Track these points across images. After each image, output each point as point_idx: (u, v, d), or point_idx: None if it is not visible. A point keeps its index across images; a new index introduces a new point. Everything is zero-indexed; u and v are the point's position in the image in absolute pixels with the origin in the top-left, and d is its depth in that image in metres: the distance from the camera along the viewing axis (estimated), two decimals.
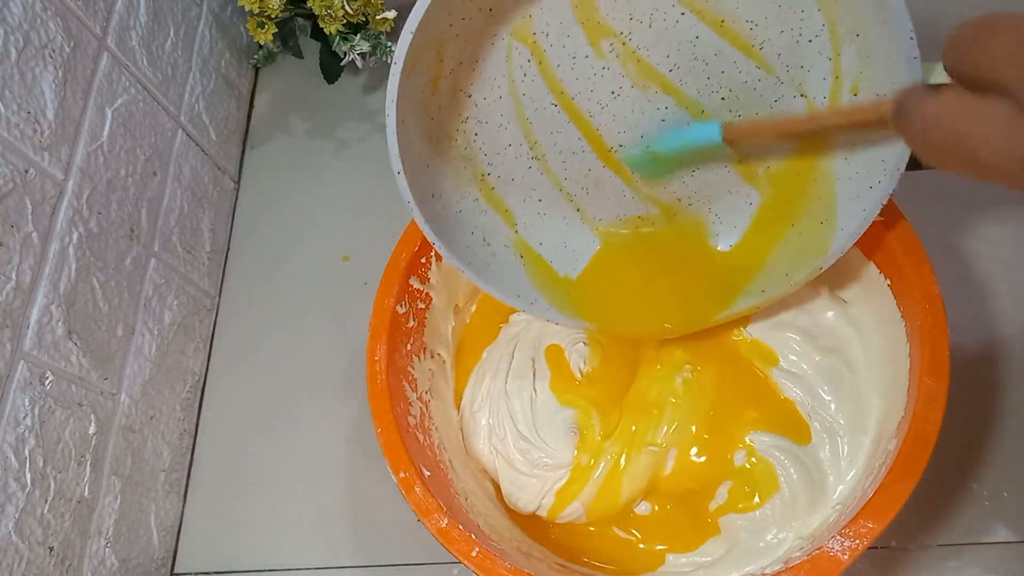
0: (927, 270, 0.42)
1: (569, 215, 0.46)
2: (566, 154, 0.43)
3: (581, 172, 0.44)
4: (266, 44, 0.69)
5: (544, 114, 0.42)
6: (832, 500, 0.45)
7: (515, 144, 0.43)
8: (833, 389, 0.47)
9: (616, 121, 0.42)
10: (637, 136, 0.43)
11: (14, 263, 0.45)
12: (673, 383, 0.48)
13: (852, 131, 0.38)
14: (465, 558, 0.40)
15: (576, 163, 0.44)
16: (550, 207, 0.45)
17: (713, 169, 0.44)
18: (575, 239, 0.47)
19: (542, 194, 0.45)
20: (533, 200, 0.45)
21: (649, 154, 0.43)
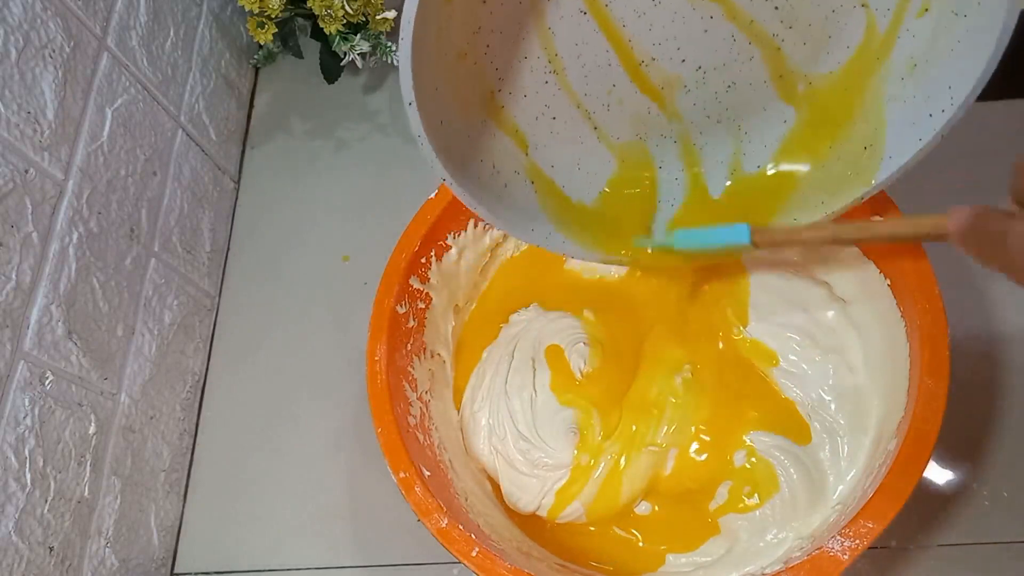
0: (927, 270, 0.42)
1: (585, 134, 0.43)
2: (590, 67, 0.40)
3: (604, 87, 0.41)
4: (266, 44, 0.69)
5: (569, 22, 0.38)
6: (832, 500, 0.45)
7: (531, 56, 0.39)
8: (833, 389, 0.47)
9: (652, 31, 0.39)
10: (674, 49, 0.40)
11: (14, 263, 0.45)
12: (673, 383, 0.48)
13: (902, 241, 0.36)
14: (465, 558, 0.40)
15: (600, 77, 0.41)
16: (564, 126, 0.42)
17: (749, 84, 0.41)
18: (590, 160, 0.44)
19: (556, 111, 0.41)
20: (546, 118, 0.42)
21: (665, 247, 0.41)
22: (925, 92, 0.36)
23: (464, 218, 0.51)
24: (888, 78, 0.38)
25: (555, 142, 0.43)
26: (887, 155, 0.38)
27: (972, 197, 0.59)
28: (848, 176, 0.40)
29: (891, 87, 0.38)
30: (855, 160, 0.40)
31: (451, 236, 0.51)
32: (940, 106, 0.35)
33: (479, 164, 0.40)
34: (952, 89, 0.35)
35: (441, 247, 0.51)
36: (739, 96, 0.42)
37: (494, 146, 0.41)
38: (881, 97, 0.38)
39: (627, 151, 0.44)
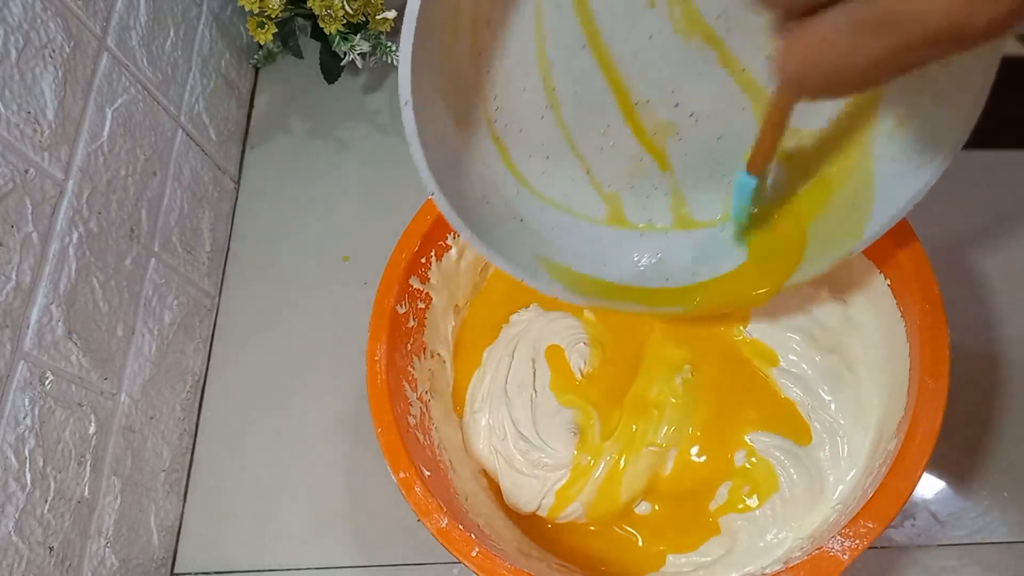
0: (927, 270, 0.42)
1: (577, 176, 0.42)
2: (586, 106, 0.39)
3: (599, 128, 0.40)
4: (266, 44, 0.69)
5: (569, 55, 0.37)
6: (832, 500, 0.45)
7: (530, 88, 0.38)
8: (833, 389, 0.47)
9: (648, 72, 0.38)
10: (668, 91, 0.39)
11: (14, 263, 0.45)
12: (673, 383, 0.48)
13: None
14: (465, 558, 0.40)
15: (595, 117, 0.40)
16: (557, 165, 0.41)
17: (740, 137, 0.40)
18: (580, 203, 0.43)
19: (550, 150, 0.41)
20: (540, 156, 0.41)
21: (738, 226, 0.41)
22: (913, 146, 0.36)
23: None
24: (877, 135, 0.38)
25: (547, 181, 0.42)
26: (876, 210, 0.38)
27: (971, 193, 0.59)
28: (837, 233, 0.40)
29: (879, 144, 0.38)
30: (844, 217, 0.40)
31: (451, 236, 0.51)
32: (928, 158, 0.35)
33: (470, 189, 0.39)
34: (939, 141, 0.35)
35: (441, 247, 0.51)
36: (730, 149, 0.41)
37: (486, 175, 0.40)
38: (870, 154, 0.38)
39: (618, 201, 0.44)
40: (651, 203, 0.44)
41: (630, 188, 0.43)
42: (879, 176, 0.38)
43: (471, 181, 0.39)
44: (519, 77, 0.38)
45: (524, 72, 0.38)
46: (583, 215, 0.43)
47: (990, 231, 0.57)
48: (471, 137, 0.39)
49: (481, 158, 0.39)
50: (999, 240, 0.57)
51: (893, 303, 0.45)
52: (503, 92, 0.38)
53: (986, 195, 0.58)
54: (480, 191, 0.39)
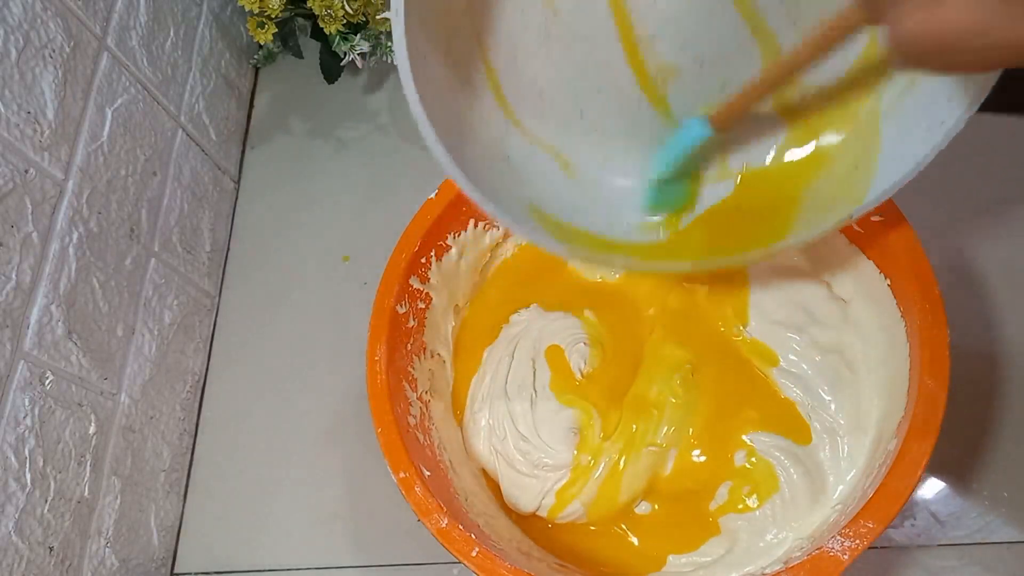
0: (927, 270, 0.42)
1: (570, 118, 0.40)
2: (586, 36, 0.37)
3: (599, 65, 0.38)
4: (266, 44, 0.69)
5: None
6: (832, 500, 0.45)
7: (529, 11, 0.36)
8: (833, 389, 0.47)
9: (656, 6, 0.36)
10: (675, 31, 0.36)
11: (14, 263, 0.45)
12: (673, 383, 0.48)
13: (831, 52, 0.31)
14: (465, 558, 0.40)
15: (595, 51, 0.37)
16: (550, 103, 0.39)
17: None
18: (570, 148, 0.40)
19: (544, 85, 0.38)
20: (533, 92, 0.38)
21: (657, 184, 0.38)
22: (923, 107, 0.34)
23: (464, 218, 0.51)
24: (886, 93, 0.36)
25: (539, 123, 0.39)
26: (878, 174, 0.36)
27: (971, 193, 0.58)
28: (837, 196, 0.38)
29: (888, 103, 0.36)
30: (844, 180, 0.38)
31: (451, 236, 0.51)
32: (938, 119, 0.33)
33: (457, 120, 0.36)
34: (951, 102, 0.32)
35: (441, 247, 0.51)
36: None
37: (475, 109, 0.37)
38: (877, 113, 0.36)
39: (610, 150, 0.41)
40: (647, 154, 0.41)
41: (624, 135, 0.40)
42: (886, 137, 0.36)
43: (459, 113, 0.36)
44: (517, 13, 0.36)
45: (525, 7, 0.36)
46: (571, 162, 0.40)
47: (991, 231, 0.57)
48: (463, 64, 0.36)
49: (472, 89, 0.36)
50: (999, 240, 0.57)
51: (893, 303, 0.45)
52: (499, 12, 0.35)
53: (986, 195, 0.58)
54: (468, 124, 0.36)
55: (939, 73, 0.22)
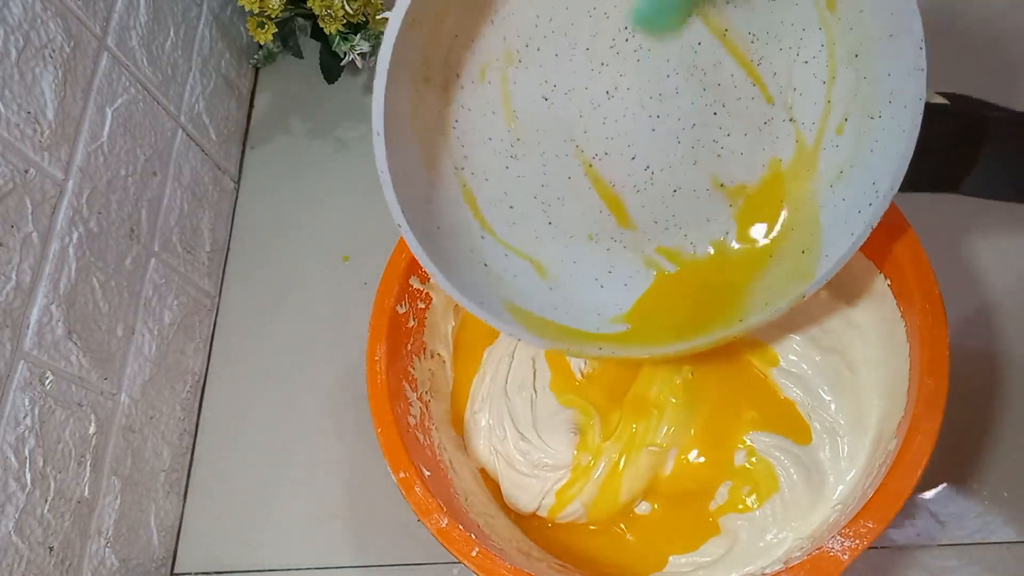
0: (927, 270, 0.42)
1: (539, 227, 0.43)
2: (548, 156, 0.41)
3: (561, 178, 0.42)
4: (266, 44, 0.69)
5: (532, 107, 0.40)
6: (832, 500, 0.45)
7: (495, 138, 0.41)
8: (833, 389, 0.47)
9: (606, 125, 0.41)
10: (625, 145, 0.41)
11: (14, 263, 0.45)
12: (673, 383, 0.48)
13: None
14: (465, 558, 0.40)
15: (557, 168, 0.42)
16: (520, 214, 0.43)
17: (694, 191, 0.43)
18: (543, 254, 0.44)
19: (514, 200, 0.42)
20: (504, 205, 0.42)
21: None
22: (853, 193, 0.38)
23: None
24: (819, 188, 0.40)
25: (511, 231, 0.43)
26: (824, 254, 0.40)
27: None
28: (789, 278, 0.42)
29: (822, 195, 0.40)
30: (795, 263, 0.41)
31: None
32: (867, 201, 0.38)
33: (436, 229, 0.40)
34: (876, 185, 0.37)
35: None
36: (684, 203, 0.43)
37: (453, 219, 0.41)
38: (815, 205, 0.41)
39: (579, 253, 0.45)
40: (612, 255, 0.45)
41: (589, 239, 0.44)
42: (825, 224, 0.40)
43: (439, 223, 0.40)
44: (485, 127, 0.40)
45: (490, 123, 0.40)
46: (544, 265, 0.44)
47: (991, 231, 0.57)
48: (440, 180, 0.40)
49: (449, 202, 0.41)
50: (1000, 240, 0.57)
51: (893, 303, 0.45)
52: (470, 140, 0.40)
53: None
54: (448, 233, 0.41)
55: None
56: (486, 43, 0.38)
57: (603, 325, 0.44)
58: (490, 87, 0.39)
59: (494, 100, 0.40)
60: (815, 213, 0.41)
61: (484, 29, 0.38)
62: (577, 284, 0.45)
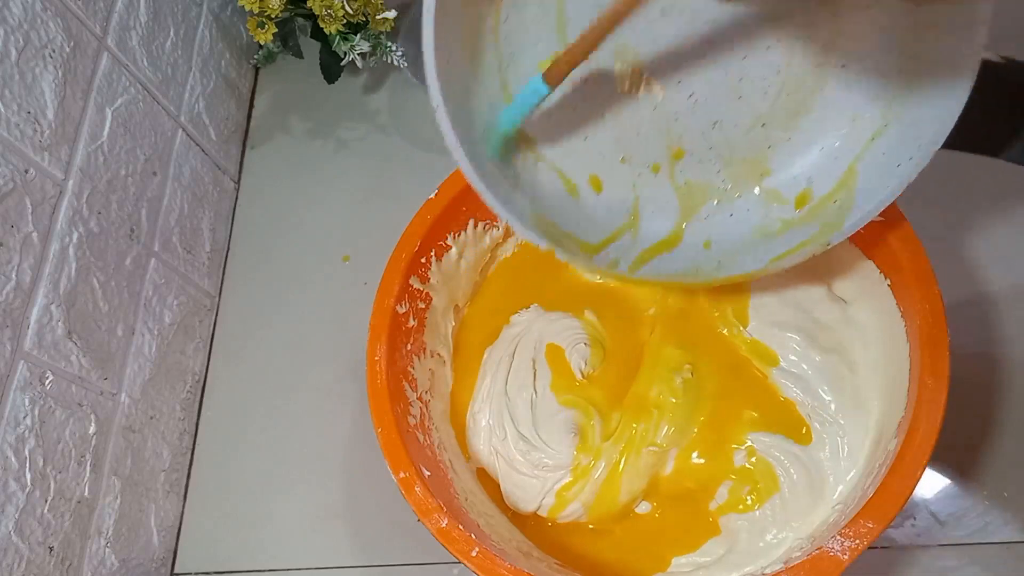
0: (927, 270, 0.42)
1: (574, 140, 0.42)
2: (593, 69, 0.40)
3: (602, 94, 0.41)
4: (266, 44, 0.69)
5: (584, 13, 0.37)
6: (832, 500, 0.45)
7: (544, 42, 0.39)
8: (833, 389, 0.47)
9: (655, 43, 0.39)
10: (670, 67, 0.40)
11: (14, 263, 0.45)
12: (673, 383, 0.48)
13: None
14: (465, 558, 0.40)
15: (599, 83, 0.40)
16: (558, 126, 0.42)
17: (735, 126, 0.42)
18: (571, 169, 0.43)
19: (553, 110, 0.41)
20: (541, 115, 0.41)
21: (499, 136, 0.39)
22: (894, 147, 0.38)
23: (464, 218, 0.51)
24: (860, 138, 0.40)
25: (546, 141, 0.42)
26: (856, 206, 0.40)
27: (972, 193, 0.58)
28: (821, 227, 0.41)
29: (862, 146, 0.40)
30: (825, 212, 0.41)
31: (451, 236, 0.51)
32: (908, 155, 0.37)
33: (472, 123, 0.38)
34: (919, 139, 0.36)
35: (441, 247, 0.51)
36: (723, 137, 0.42)
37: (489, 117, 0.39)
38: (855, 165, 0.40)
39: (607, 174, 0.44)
40: (642, 181, 0.43)
41: (621, 162, 0.43)
42: (862, 174, 0.39)
43: (474, 115, 0.38)
44: (535, 29, 0.38)
45: (540, 24, 0.38)
46: (571, 182, 0.43)
47: (990, 231, 0.57)
48: (481, 76, 0.38)
49: (487, 99, 0.39)
50: (999, 240, 0.57)
51: (893, 303, 0.45)
52: (518, 40, 0.38)
53: (986, 195, 0.58)
54: (481, 128, 0.39)
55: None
56: None
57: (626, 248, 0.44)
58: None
59: (548, 2, 0.38)
60: (852, 164, 0.40)
61: None
62: (603, 206, 0.44)
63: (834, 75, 0.40)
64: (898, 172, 0.38)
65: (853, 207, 0.40)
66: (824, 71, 0.40)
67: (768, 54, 0.40)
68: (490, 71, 0.39)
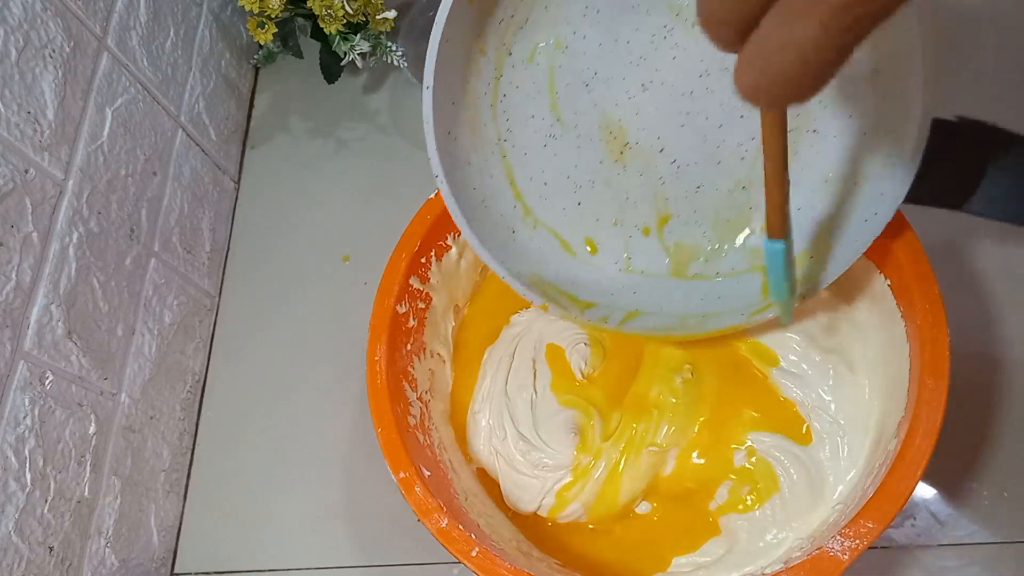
0: (927, 270, 0.42)
1: (569, 206, 0.45)
2: (583, 139, 0.43)
3: (592, 161, 0.44)
4: (266, 44, 0.69)
5: (573, 91, 0.42)
6: (832, 500, 0.45)
7: (538, 116, 0.43)
8: (833, 389, 0.47)
9: (639, 116, 0.43)
10: (655, 137, 0.43)
11: (14, 263, 0.45)
12: (673, 383, 0.48)
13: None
14: (465, 558, 0.40)
15: (591, 152, 0.44)
16: (553, 192, 0.45)
17: (716, 189, 0.44)
18: (568, 232, 0.46)
19: (549, 177, 0.44)
20: (539, 181, 0.44)
21: (782, 294, 0.42)
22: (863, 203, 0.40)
23: None
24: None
25: (542, 206, 0.45)
26: (830, 262, 0.42)
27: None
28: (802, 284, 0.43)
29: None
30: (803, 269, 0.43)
31: (451, 236, 0.51)
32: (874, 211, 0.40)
33: (472, 191, 0.42)
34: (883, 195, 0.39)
35: (441, 247, 0.51)
36: (705, 200, 0.45)
37: (489, 185, 0.43)
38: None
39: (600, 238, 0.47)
40: (633, 242, 0.46)
41: (614, 224, 0.46)
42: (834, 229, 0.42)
43: (475, 183, 0.42)
44: (530, 106, 0.42)
45: (534, 102, 0.42)
46: (568, 244, 0.46)
47: (990, 231, 0.57)
48: (481, 146, 0.42)
49: (487, 168, 0.43)
50: (999, 240, 0.57)
51: (893, 303, 0.45)
52: (514, 115, 0.42)
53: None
54: (481, 194, 0.43)
55: (784, 103, 0.24)
56: (538, 27, 0.40)
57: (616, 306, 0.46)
58: (538, 69, 0.41)
59: (540, 81, 0.42)
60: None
61: (537, 14, 0.40)
62: (597, 265, 0.46)
63: (807, 139, 0.42)
64: (866, 227, 0.40)
65: (828, 261, 0.42)
66: (798, 135, 0.41)
67: (743, 122, 0.42)
68: (489, 143, 0.43)
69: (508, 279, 0.43)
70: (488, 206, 0.43)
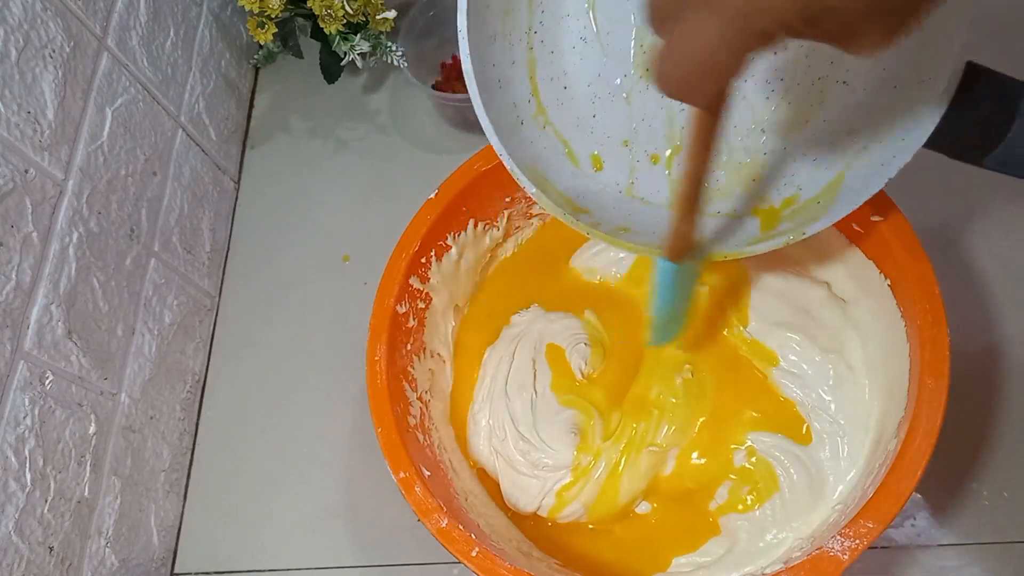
0: (927, 270, 0.42)
1: (582, 117, 0.44)
2: (613, 49, 0.42)
3: (617, 74, 0.43)
4: (266, 44, 0.69)
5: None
6: (832, 500, 0.45)
7: (573, 15, 0.42)
8: (833, 389, 0.47)
9: None
10: None
11: (14, 263, 0.45)
12: (673, 383, 0.48)
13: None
14: (465, 558, 0.40)
15: (616, 63, 0.43)
16: (569, 99, 0.44)
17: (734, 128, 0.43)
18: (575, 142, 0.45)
19: (569, 81, 0.44)
20: (559, 84, 0.43)
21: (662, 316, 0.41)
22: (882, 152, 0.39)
23: (464, 218, 0.51)
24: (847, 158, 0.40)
25: (557, 110, 0.44)
26: (837, 203, 0.40)
27: (971, 192, 0.58)
28: (800, 222, 0.41)
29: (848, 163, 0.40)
30: (809, 211, 0.41)
31: (451, 236, 0.51)
32: (892, 154, 0.38)
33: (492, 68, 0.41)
34: (904, 140, 0.37)
35: (441, 247, 0.51)
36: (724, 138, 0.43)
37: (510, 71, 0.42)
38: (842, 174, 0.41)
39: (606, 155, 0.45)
40: (640, 167, 0.45)
41: (623, 144, 0.45)
42: (848, 178, 0.40)
43: (495, 59, 0.41)
44: (568, 1, 0.42)
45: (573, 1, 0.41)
46: (574, 154, 0.45)
47: (990, 231, 0.57)
48: (510, 30, 0.41)
49: (511, 53, 0.42)
50: (999, 240, 0.57)
51: (893, 303, 0.45)
52: (550, 8, 0.42)
53: (986, 194, 0.58)
54: (499, 74, 0.41)
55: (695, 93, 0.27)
56: None
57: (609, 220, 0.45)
58: None
59: None
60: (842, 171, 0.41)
61: None
62: (599, 182, 0.45)
63: (835, 90, 0.40)
64: (882, 171, 0.38)
65: (834, 204, 0.40)
66: (826, 84, 0.40)
67: (773, 58, 0.40)
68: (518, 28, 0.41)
69: (504, 158, 0.41)
70: (503, 88, 0.42)
